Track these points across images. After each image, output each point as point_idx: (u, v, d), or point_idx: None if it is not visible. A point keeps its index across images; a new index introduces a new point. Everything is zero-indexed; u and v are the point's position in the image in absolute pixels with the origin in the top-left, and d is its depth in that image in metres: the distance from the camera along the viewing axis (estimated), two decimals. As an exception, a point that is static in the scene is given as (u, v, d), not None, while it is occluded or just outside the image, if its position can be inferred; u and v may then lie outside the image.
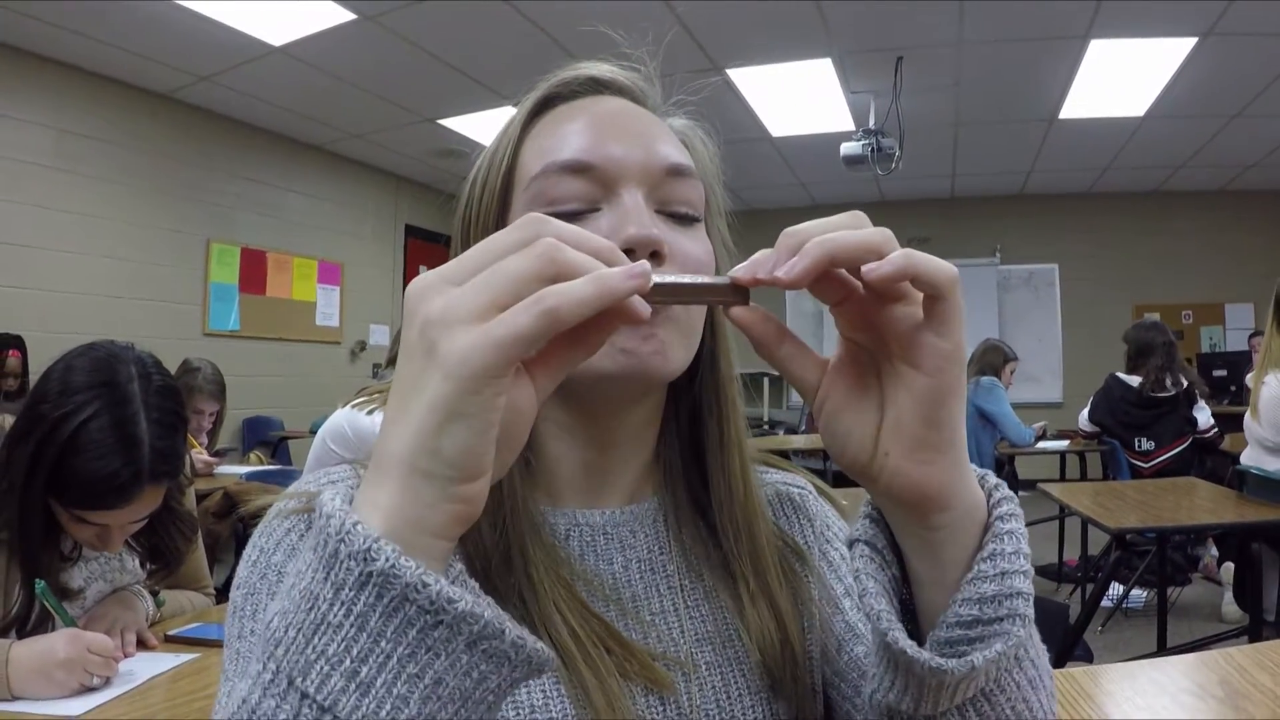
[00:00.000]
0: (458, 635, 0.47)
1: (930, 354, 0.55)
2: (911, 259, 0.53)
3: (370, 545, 0.46)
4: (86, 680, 1.63)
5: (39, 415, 1.72)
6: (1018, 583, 0.58)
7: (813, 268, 0.53)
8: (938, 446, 0.56)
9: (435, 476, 0.47)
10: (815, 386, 0.60)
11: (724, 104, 7.54)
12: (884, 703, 0.62)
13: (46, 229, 6.63)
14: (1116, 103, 7.65)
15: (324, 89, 7.34)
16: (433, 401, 0.46)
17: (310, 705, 0.46)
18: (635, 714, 0.73)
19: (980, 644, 0.57)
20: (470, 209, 0.81)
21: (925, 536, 0.59)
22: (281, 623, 0.48)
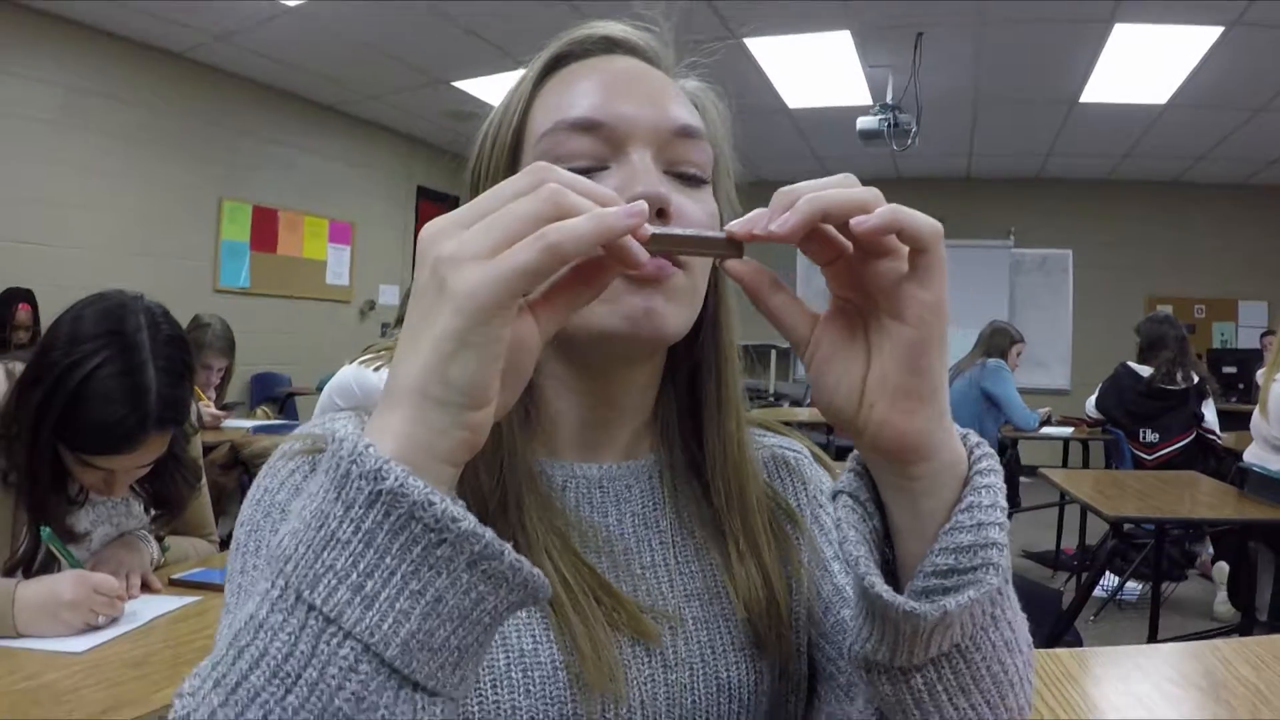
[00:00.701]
0: (459, 554, 0.50)
1: (913, 305, 0.57)
2: (897, 213, 0.55)
3: (381, 465, 0.49)
4: (92, 620, 1.66)
5: (49, 362, 1.74)
6: (993, 534, 0.59)
7: (804, 221, 0.55)
8: (921, 396, 0.59)
9: (445, 403, 0.51)
10: (806, 338, 0.63)
11: (741, 73, 7.48)
12: (861, 654, 0.64)
13: (58, 185, 6.68)
14: (1139, 89, 7.55)
15: (337, 50, 7.32)
16: (443, 332, 0.50)
17: (316, 616, 0.49)
18: (621, 662, 0.75)
19: (954, 592, 0.59)
20: (480, 164, 0.82)
21: (907, 487, 0.62)
22: (291, 541, 0.51)
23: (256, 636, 0.50)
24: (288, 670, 0.49)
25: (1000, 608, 0.62)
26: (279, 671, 0.49)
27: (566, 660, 0.73)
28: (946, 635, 0.60)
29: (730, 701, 0.80)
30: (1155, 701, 1.48)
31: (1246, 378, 8.38)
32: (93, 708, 1.34)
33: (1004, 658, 0.64)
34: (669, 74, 0.84)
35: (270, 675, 0.49)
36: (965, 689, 0.63)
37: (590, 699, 0.73)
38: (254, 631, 0.50)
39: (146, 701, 1.37)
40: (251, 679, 0.50)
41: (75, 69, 6.75)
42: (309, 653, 0.49)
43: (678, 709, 0.77)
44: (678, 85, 0.84)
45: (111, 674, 1.49)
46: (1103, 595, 5.21)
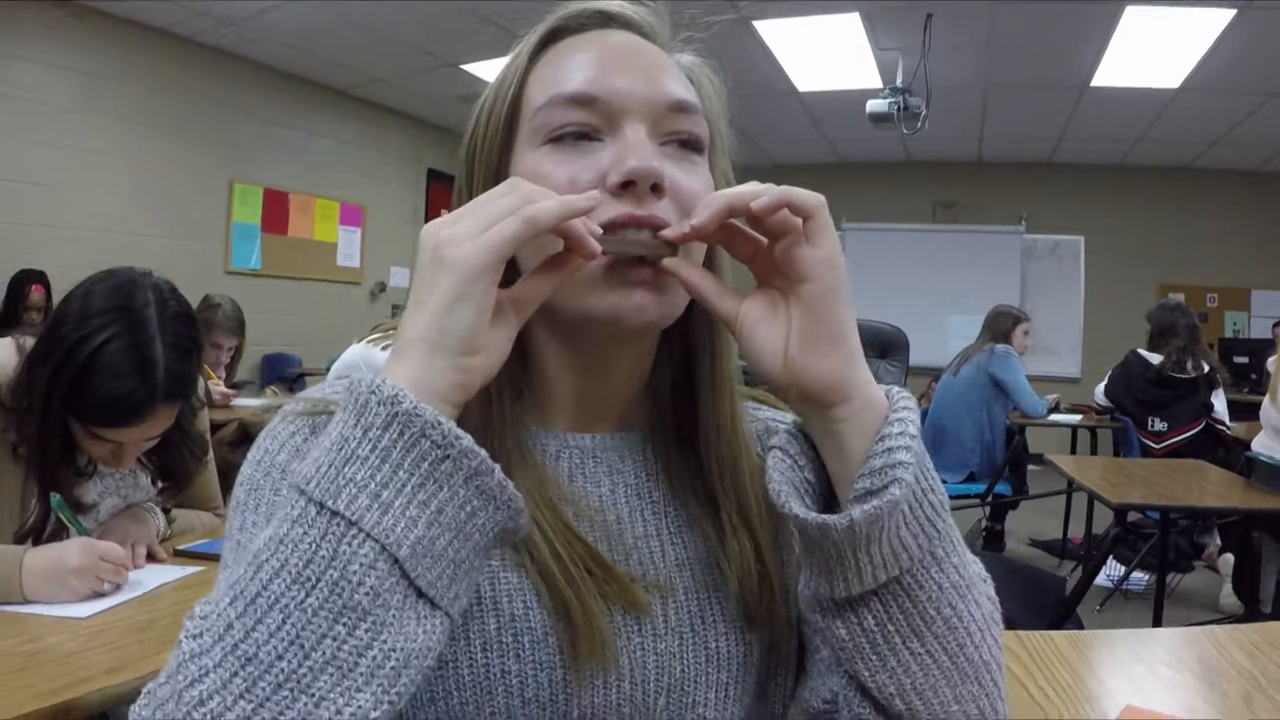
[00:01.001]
0: (459, 469, 0.59)
1: (810, 262, 0.68)
2: (785, 190, 0.67)
3: (397, 391, 0.58)
4: (98, 586, 1.69)
5: (59, 337, 1.77)
6: (899, 455, 0.66)
7: (715, 215, 0.68)
8: (830, 339, 0.68)
9: (444, 349, 0.61)
10: (734, 313, 0.72)
11: (750, 56, 7.46)
12: (805, 595, 0.72)
13: (71, 169, 6.74)
14: (1151, 73, 7.48)
15: (348, 34, 7.33)
16: (443, 291, 0.61)
17: (339, 521, 0.56)
18: (611, 632, 0.76)
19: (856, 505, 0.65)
20: (476, 139, 0.83)
21: (834, 431, 0.69)
22: (312, 466, 0.59)
23: (276, 551, 0.57)
24: (308, 575, 0.56)
25: (940, 547, 0.69)
26: (299, 577, 0.56)
27: (556, 627, 0.74)
28: (875, 555, 0.66)
29: (719, 671, 0.81)
30: (1148, 684, 1.48)
31: (1258, 367, 8.33)
32: (95, 669, 1.36)
33: (955, 602, 0.69)
34: (664, 49, 0.85)
35: (291, 581, 0.56)
36: (918, 631, 0.68)
37: (580, 667, 0.74)
38: (274, 547, 0.57)
39: (148, 663, 1.39)
40: (272, 587, 0.56)
41: (90, 54, 6.80)
42: (330, 555, 0.56)
43: (666, 677, 0.78)
44: (673, 60, 0.84)
45: (115, 638, 1.51)
46: (1109, 585, 5.22)
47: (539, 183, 0.72)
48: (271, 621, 0.55)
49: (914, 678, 0.68)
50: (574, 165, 0.75)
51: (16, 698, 1.24)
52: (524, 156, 0.78)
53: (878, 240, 11.39)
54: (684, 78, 0.83)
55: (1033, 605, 3.38)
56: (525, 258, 0.74)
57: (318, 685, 0.55)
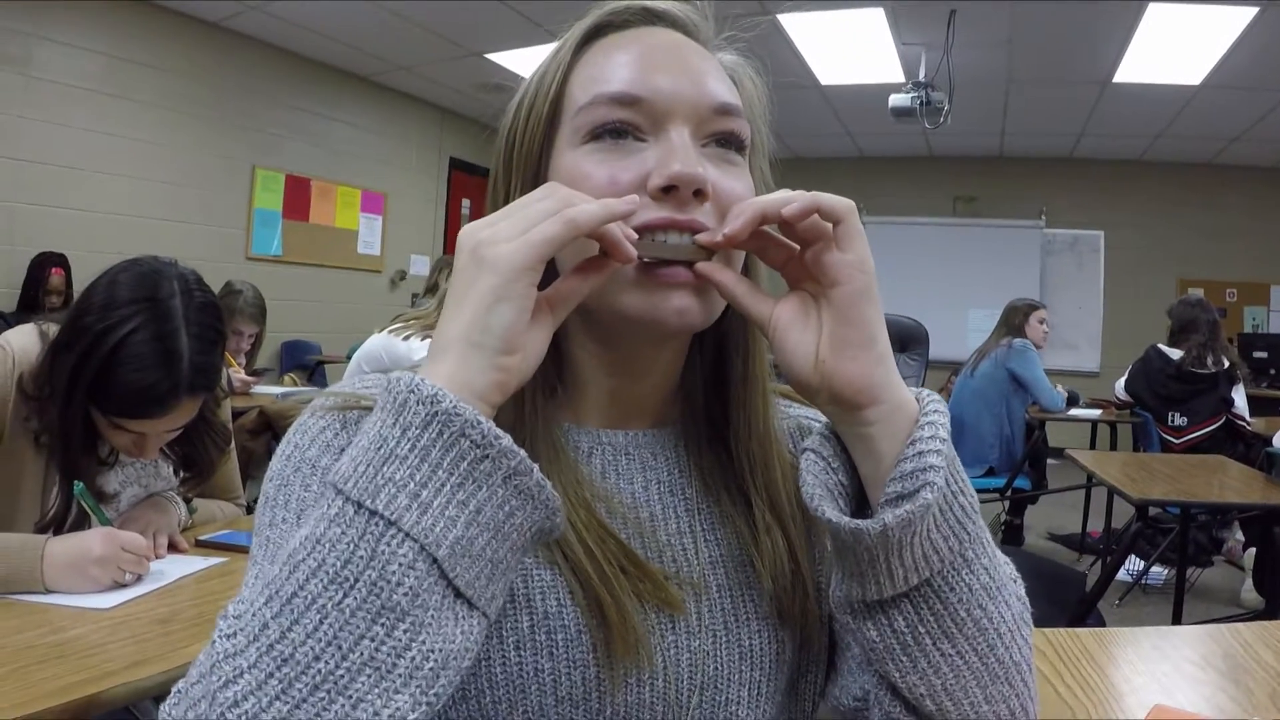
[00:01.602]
0: (498, 469, 0.59)
1: (839, 266, 0.69)
2: (815, 196, 0.69)
3: (437, 391, 0.58)
4: (119, 577, 1.68)
5: (83, 327, 1.76)
6: (931, 459, 0.66)
7: (748, 223, 0.70)
8: (859, 343, 0.69)
9: (484, 347, 0.61)
10: (767, 316, 0.73)
11: (773, 48, 7.37)
12: (837, 596, 0.73)
13: (93, 152, 6.73)
14: (1172, 69, 7.47)
15: (372, 20, 7.34)
16: (483, 291, 0.61)
17: (377, 520, 0.56)
18: (645, 630, 0.76)
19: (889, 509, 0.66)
20: (515, 135, 0.82)
21: (864, 434, 0.70)
22: (350, 464, 0.59)
23: (313, 551, 0.56)
24: (346, 575, 0.55)
25: (971, 550, 0.70)
26: (337, 577, 0.55)
27: (590, 625, 0.74)
28: (906, 559, 0.67)
29: (752, 669, 0.81)
30: (1174, 682, 1.48)
31: (1278, 363, 8.32)
32: (119, 662, 1.36)
33: (985, 604, 0.70)
34: (707, 47, 0.84)
35: (329, 581, 0.55)
36: (948, 633, 0.69)
37: (614, 665, 0.74)
38: (310, 547, 0.57)
39: (172, 657, 1.39)
40: (309, 587, 0.55)
41: (116, 38, 6.80)
42: (369, 555, 0.55)
43: (700, 675, 0.79)
44: (716, 59, 0.84)
45: (138, 630, 1.51)
46: (1128, 579, 5.21)
47: (579, 182, 0.73)
48: (309, 621, 0.55)
49: (944, 679, 0.69)
50: (615, 165, 0.75)
51: (43, 690, 1.24)
52: (564, 154, 0.78)
53: (898, 234, 11.36)
54: (727, 78, 0.82)
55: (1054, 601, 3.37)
56: (562, 259, 0.75)
57: (355, 686, 0.54)
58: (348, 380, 0.86)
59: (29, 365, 1.83)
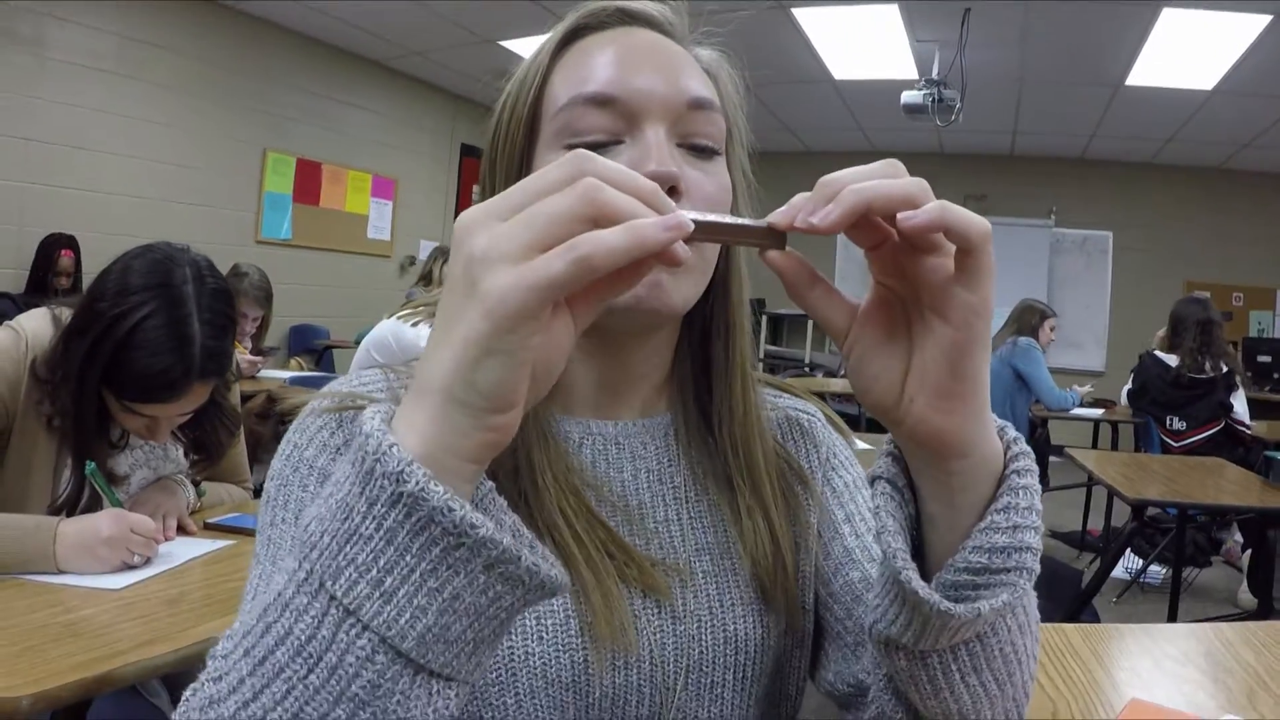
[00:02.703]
0: (477, 557, 0.50)
1: (958, 307, 0.55)
2: (945, 211, 0.53)
3: (403, 468, 0.48)
4: (128, 558, 1.72)
5: (97, 312, 1.79)
6: (1028, 538, 0.60)
7: (848, 215, 0.53)
8: (961, 396, 0.58)
9: (469, 406, 0.50)
10: (845, 330, 0.62)
11: (787, 43, 7.48)
12: (885, 634, 0.65)
13: (104, 132, 6.73)
14: (1185, 74, 7.46)
15: (388, 5, 7.35)
16: (470, 337, 0.48)
17: (337, 607, 0.50)
18: (632, 615, 0.79)
19: (986, 591, 0.60)
20: (498, 136, 0.84)
21: (943, 481, 0.62)
22: (318, 528, 0.52)
23: (282, 615, 0.52)
24: (310, 651, 0.51)
25: (1016, 597, 0.62)
26: (302, 651, 0.51)
27: (578, 609, 0.77)
28: (972, 628, 0.62)
29: (737, 654, 0.84)
30: (1154, 678, 1.51)
31: (1282, 367, 8.35)
32: (129, 641, 1.40)
33: (1016, 640, 0.65)
34: (683, 44, 0.86)
35: (294, 653, 0.51)
36: (978, 669, 0.65)
37: (601, 649, 0.77)
38: (280, 610, 0.52)
39: (180, 637, 1.43)
40: (277, 654, 0.52)
41: (129, 18, 6.79)
42: (329, 638, 0.50)
43: (685, 659, 0.81)
44: (692, 55, 0.85)
45: (147, 611, 1.55)
46: (1126, 577, 5.24)
47: None
48: (276, 690, 0.52)
49: (962, 705, 0.66)
50: None
51: (57, 667, 1.28)
52: (545, 158, 0.79)
53: None
54: (703, 74, 0.84)
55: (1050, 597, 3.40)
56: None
57: None
58: (355, 369, 0.88)
59: (41, 349, 1.86)
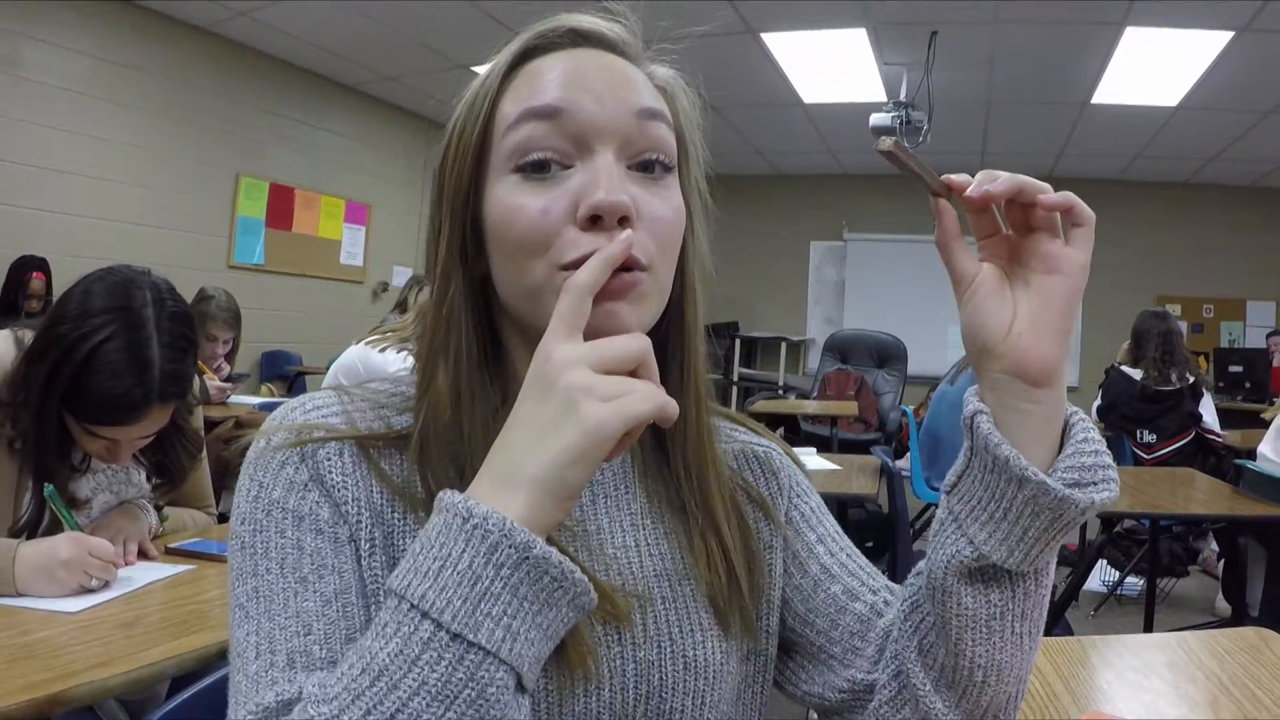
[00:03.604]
0: (566, 595, 0.64)
1: (1071, 263, 0.73)
2: (1069, 196, 0.73)
3: (529, 539, 0.62)
4: (86, 581, 1.71)
5: (57, 335, 1.79)
6: (1107, 459, 0.72)
7: (1010, 189, 0.72)
8: (1062, 330, 0.73)
9: (555, 495, 0.64)
10: (972, 277, 0.76)
11: (756, 67, 7.54)
12: (970, 558, 0.74)
13: (78, 155, 6.69)
14: (1150, 91, 7.58)
15: (360, 30, 7.35)
16: (567, 445, 0.64)
17: (477, 651, 0.61)
18: (593, 641, 0.79)
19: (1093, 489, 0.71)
20: (448, 159, 0.84)
21: (1030, 410, 0.73)
22: (441, 598, 0.62)
23: (410, 671, 0.60)
24: (447, 693, 0.60)
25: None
26: (440, 695, 0.60)
27: None
28: (1054, 543, 0.73)
29: (697, 679, 0.84)
30: (1115, 689, 1.51)
31: (1253, 376, 8.41)
32: (84, 663, 1.39)
33: (1047, 593, 0.77)
34: (638, 63, 0.85)
35: (431, 699, 0.60)
36: (1026, 613, 0.75)
37: (562, 676, 0.77)
38: (406, 667, 0.61)
39: (134, 659, 1.42)
40: (412, 705, 0.60)
41: (103, 40, 6.77)
42: (467, 677, 0.61)
43: (645, 685, 0.81)
44: (644, 74, 0.85)
45: (103, 633, 1.54)
46: (1103, 590, 5.26)
47: (512, 216, 0.76)
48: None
49: (1005, 655, 0.76)
50: (546, 195, 0.76)
51: (8, 687, 1.27)
52: (495, 186, 0.79)
53: (879, 251, 11.51)
54: (653, 89, 0.84)
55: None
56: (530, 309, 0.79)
57: None
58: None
59: (3, 371, 1.85)
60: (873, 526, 4.89)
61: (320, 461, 0.79)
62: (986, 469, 0.73)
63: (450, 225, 0.82)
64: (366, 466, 0.80)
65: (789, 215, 11.86)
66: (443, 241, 0.83)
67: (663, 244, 0.79)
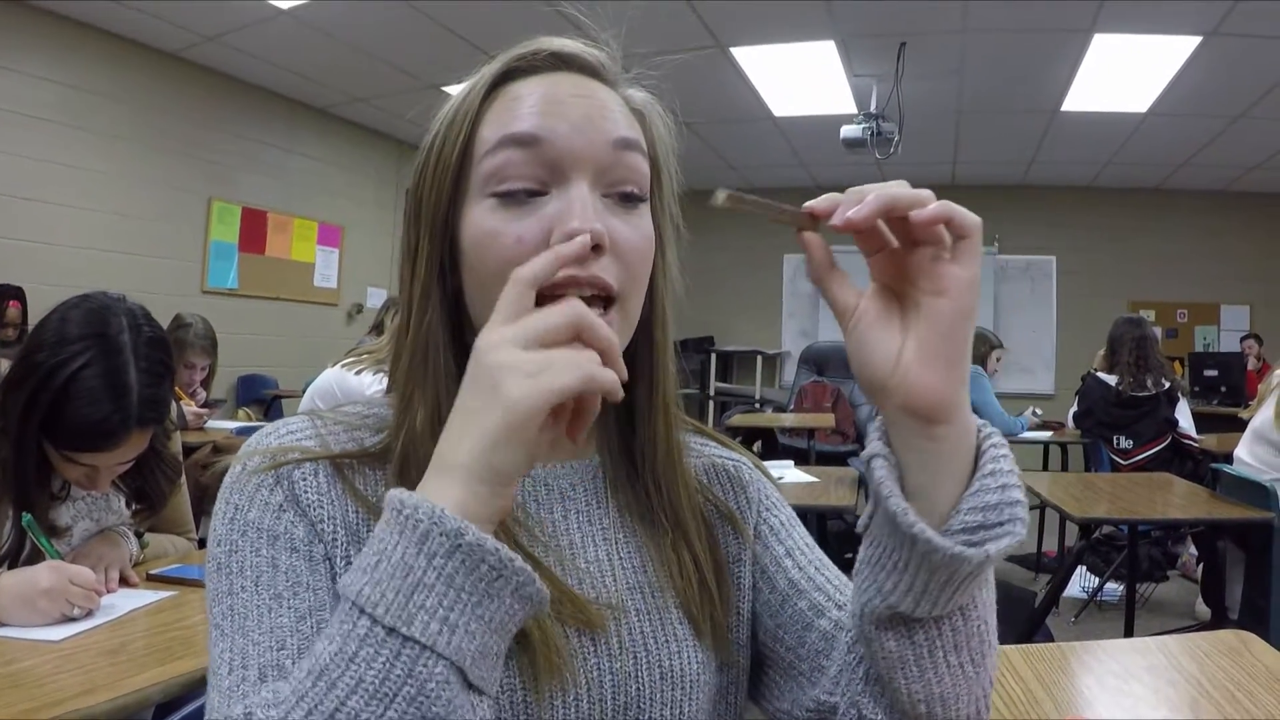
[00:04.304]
0: (508, 585, 0.63)
1: (955, 282, 0.67)
2: (947, 205, 0.66)
3: (459, 525, 0.61)
4: (68, 610, 1.70)
5: (35, 364, 1.79)
6: (1016, 494, 0.68)
7: (876, 211, 0.65)
8: (952, 360, 0.67)
9: (488, 482, 0.64)
10: (852, 307, 0.71)
11: (727, 82, 7.56)
12: (880, 608, 0.72)
13: (50, 183, 6.66)
14: (1119, 98, 7.61)
15: (330, 53, 7.34)
16: (492, 427, 0.63)
17: (412, 646, 0.60)
18: (569, 653, 0.80)
19: (991, 541, 0.67)
20: (425, 178, 0.84)
21: (930, 449, 0.69)
22: (375, 592, 0.61)
23: (348, 669, 0.60)
24: (386, 690, 0.59)
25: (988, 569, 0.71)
26: (378, 693, 0.59)
27: (515, 648, 0.77)
28: (969, 586, 0.69)
29: (673, 689, 0.84)
30: (1095, 694, 1.52)
31: (1229, 380, 8.48)
32: (67, 692, 1.38)
33: (987, 617, 0.74)
34: (615, 87, 0.87)
35: (369, 697, 0.59)
36: (959, 646, 0.72)
37: (539, 686, 0.77)
38: (344, 664, 0.60)
39: (119, 686, 1.42)
40: (350, 703, 0.59)
41: (72, 66, 6.74)
42: (405, 674, 0.60)
43: (622, 695, 0.82)
44: (621, 98, 0.86)
45: (87, 662, 1.53)
46: (1083, 596, 5.28)
47: (487, 241, 0.78)
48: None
49: (944, 687, 0.73)
50: (520, 223, 0.78)
51: (-6, 719, 1.26)
52: (472, 209, 0.81)
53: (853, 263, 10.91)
54: (630, 117, 0.85)
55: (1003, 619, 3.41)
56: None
57: None
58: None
59: None
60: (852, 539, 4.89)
61: (295, 482, 0.80)
62: (881, 520, 0.70)
63: (430, 245, 0.83)
64: (341, 486, 0.81)
65: (762, 229, 11.79)
66: (421, 261, 0.84)
67: (633, 272, 0.80)
